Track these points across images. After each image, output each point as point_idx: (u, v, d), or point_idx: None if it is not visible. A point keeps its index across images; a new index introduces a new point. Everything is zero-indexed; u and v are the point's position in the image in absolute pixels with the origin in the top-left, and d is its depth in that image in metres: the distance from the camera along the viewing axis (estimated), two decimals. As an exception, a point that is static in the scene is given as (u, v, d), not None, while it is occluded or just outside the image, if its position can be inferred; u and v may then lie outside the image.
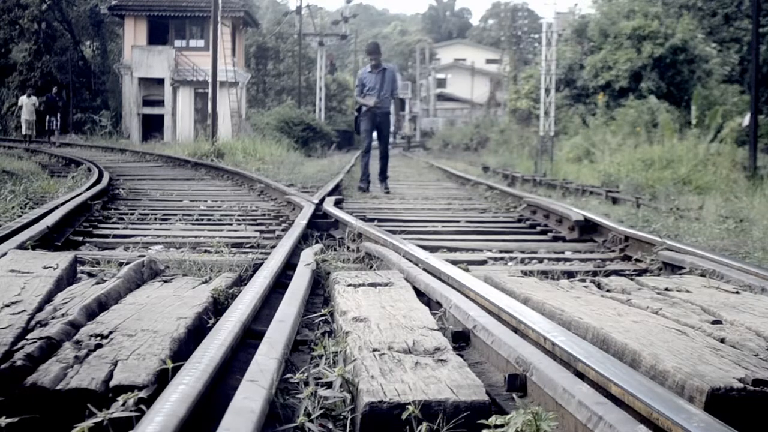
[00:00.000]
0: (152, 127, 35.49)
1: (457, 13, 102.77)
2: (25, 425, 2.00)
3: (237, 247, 5.60)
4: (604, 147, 20.32)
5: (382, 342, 2.61)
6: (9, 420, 1.96)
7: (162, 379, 2.17)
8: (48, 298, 3.10)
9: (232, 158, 18.96)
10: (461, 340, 3.08)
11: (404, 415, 2.00)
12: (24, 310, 2.80)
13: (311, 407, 2.12)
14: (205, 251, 5.18)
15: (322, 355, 2.66)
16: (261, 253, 5.23)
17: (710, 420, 1.86)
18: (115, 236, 6.23)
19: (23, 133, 27.93)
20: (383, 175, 12.28)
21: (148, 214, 7.75)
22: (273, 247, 5.26)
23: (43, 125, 28.52)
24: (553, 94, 27.25)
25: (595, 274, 4.87)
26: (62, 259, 3.81)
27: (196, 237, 6.09)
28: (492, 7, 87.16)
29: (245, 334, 2.79)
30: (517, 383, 2.44)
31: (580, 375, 2.34)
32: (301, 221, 6.28)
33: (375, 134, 12.02)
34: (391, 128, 12.43)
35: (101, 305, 3.05)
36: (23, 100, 28.05)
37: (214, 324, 2.84)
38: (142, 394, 2.03)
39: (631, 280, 4.18)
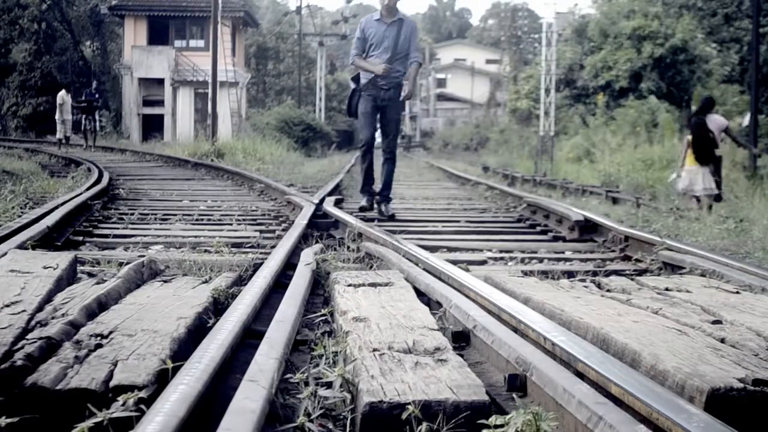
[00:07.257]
0: (152, 127, 35.49)
1: (457, 13, 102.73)
2: (25, 425, 2.00)
3: (237, 247, 5.60)
4: (604, 147, 20.35)
5: (382, 342, 2.61)
6: (9, 420, 1.96)
7: (162, 379, 2.17)
8: (48, 298, 3.10)
9: (232, 158, 18.95)
10: (461, 340, 3.08)
11: (404, 415, 2.00)
12: (24, 310, 2.79)
13: (311, 407, 2.12)
14: (205, 251, 5.18)
15: (322, 355, 2.66)
16: (261, 253, 5.22)
17: (710, 420, 1.86)
18: (115, 236, 6.23)
19: (58, 136, 23.97)
20: (385, 193, 8.29)
21: (148, 214, 7.75)
22: (273, 247, 5.26)
23: (79, 126, 25.50)
24: (553, 94, 27.28)
25: (595, 274, 4.87)
26: (62, 259, 3.81)
27: (196, 237, 6.09)
28: (492, 7, 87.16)
29: (245, 334, 2.79)
30: (517, 383, 2.44)
31: (580, 375, 2.34)
32: (301, 221, 6.27)
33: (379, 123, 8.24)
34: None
35: (101, 305, 3.05)
36: (63, 96, 24.16)
37: (214, 324, 2.84)
38: (142, 394, 2.03)
39: (631, 280, 4.17)
